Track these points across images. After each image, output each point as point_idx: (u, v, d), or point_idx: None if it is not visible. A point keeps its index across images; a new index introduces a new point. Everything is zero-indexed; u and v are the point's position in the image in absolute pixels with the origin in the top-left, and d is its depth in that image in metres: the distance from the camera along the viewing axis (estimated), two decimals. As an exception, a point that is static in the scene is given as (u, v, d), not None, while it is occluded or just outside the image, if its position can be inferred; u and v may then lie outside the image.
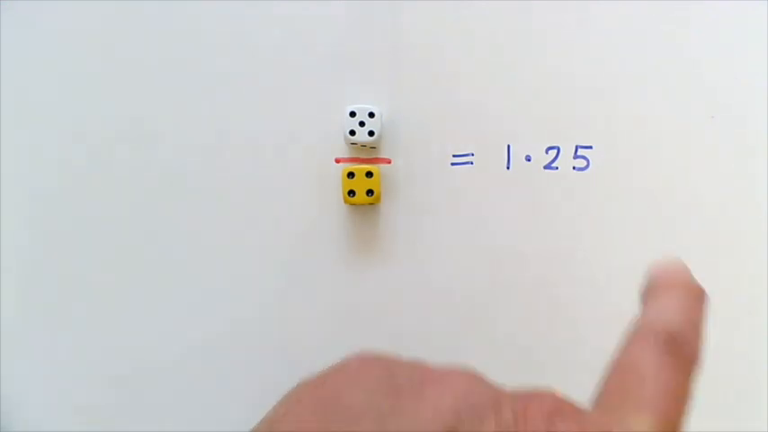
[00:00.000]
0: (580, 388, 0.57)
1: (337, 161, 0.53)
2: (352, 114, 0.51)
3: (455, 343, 0.55)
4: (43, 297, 0.55)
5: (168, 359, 0.55)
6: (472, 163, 0.53)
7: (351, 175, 0.51)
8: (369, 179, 0.51)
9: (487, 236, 0.53)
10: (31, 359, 0.56)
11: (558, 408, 0.22)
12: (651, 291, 0.28)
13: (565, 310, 0.54)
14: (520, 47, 0.51)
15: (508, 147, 0.52)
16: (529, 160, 0.52)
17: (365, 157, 0.53)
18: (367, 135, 0.51)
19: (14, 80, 0.52)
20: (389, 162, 0.53)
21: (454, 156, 0.53)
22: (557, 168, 0.52)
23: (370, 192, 0.51)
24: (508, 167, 0.53)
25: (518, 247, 0.53)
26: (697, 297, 0.27)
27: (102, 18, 0.51)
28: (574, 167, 0.53)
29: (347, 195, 0.51)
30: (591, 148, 0.52)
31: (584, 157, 0.52)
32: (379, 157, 0.53)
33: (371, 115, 0.51)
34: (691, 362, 0.24)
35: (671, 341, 0.24)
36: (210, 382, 0.56)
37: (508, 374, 0.56)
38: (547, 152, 0.52)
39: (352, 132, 0.51)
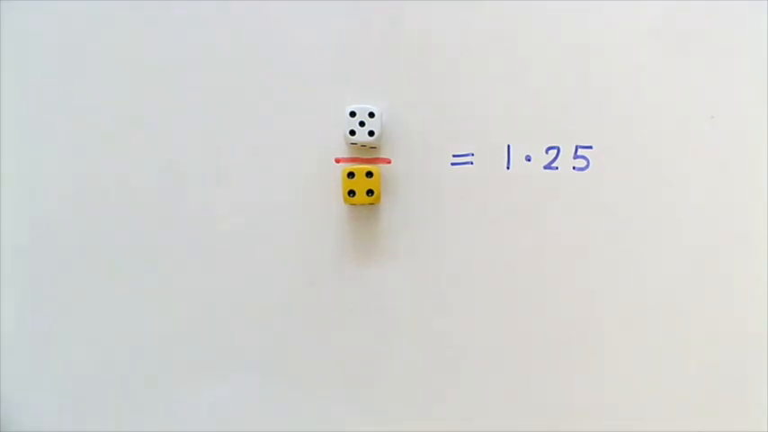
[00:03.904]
0: (579, 386, 0.58)
1: (337, 161, 0.53)
2: (353, 114, 0.51)
3: (455, 342, 0.55)
4: (43, 298, 0.55)
5: (168, 359, 0.55)
6: (472, 163, 0.53)
7: (351, 175, 0.51)
8: (369, 179, 0.51)
9: (487, 236, 0.53)
10: (31, 359, 0.56)
11: None
12: None
13: (564, 309, 0.54)
14: (520, 47, 0.51)
15: (508, 147, 0.52)
16: (529, 160, 0.52)
17: (365, 157, 0.53)
18: (367, 135, 0.51)
19: (14, 80, 0.52)
20: (389, 162, 0.53)
21: (454, 156, 0.53)
22: (557, 168, 0.52)
23: (370, 192, 0.51)
24: (508, 167, 0.53)
25: (518, 247, 0.53)
26: None
27: (102, 18, 0.52)
28: (574, 167, 0.52)
29: (347, 195, 0.51)
30: (591, 148, 0.52)
31: (584, 157, 0.52)
32: (379, 157, 0.53)
33: (371, 115, 0.51)
34: None
35: None
36: (210, 382, 0.56)
37: (508, 373, 0.56)
38: (547, 152, 0.52)
39: (353, 132, 0.51)
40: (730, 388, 0.54)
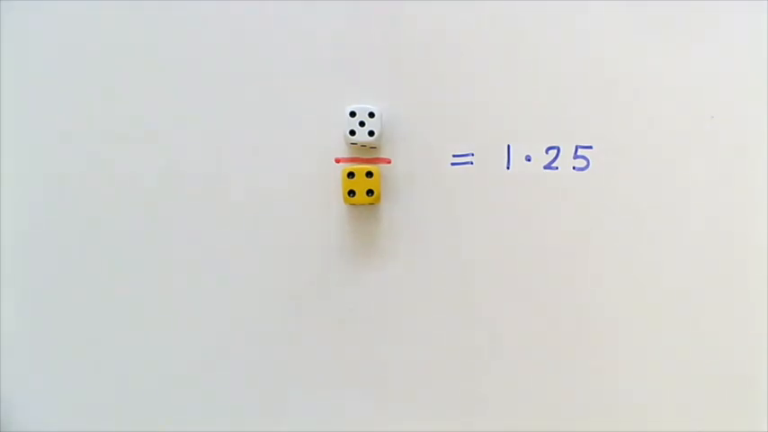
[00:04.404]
0: (579, 386, 0.58)
1: (337, 161, 0.53)
2: (353, 114, 0.51)
3: (455, 342, 0.55)
4: (43, 298, 0.55)
5: (168, 358, 0.55)
6: (472, 163, 0.53)
7: (351, 175, 0.51)
8: (369, 179, 0.51)
9: (487, 236, 0.53)
10: (31, 359, 0.56)
11: None
12: None
13: (564, 309, 0.54)
14: (520, 47, 0.51)
15: (508, 147, 0.52)
16: (529, 160, 0.52)
17: (365, 157, 0.53)
18: (367, 135, 0.51)
19: (14, 80, 0.52)
20: (389, 162, 0.53)
21: (454, 156, 0.53)
22: (557, 168, 0.52)
23: (370, 192, 0.51)
24: (508, 167, 0.53)
25: (518, 247, 0.53)
26: None
27: (102, 18, 0.52)
28: (574, 167, 0.52)
29: (347, 195, 0.51)
30: (591, 148, 0.52)
31: (584, 157, 0.52)
32: (379, 157, 0.53)
33: (371, 115, 0.51)
34: None
35: None
36: (210, 382, 0.56)
37: (508, 373, 0.56)
38: (547, 152, 0.52)
39: (353, 132, 0.51)
40: (730, 388, 0.54)
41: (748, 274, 0.53)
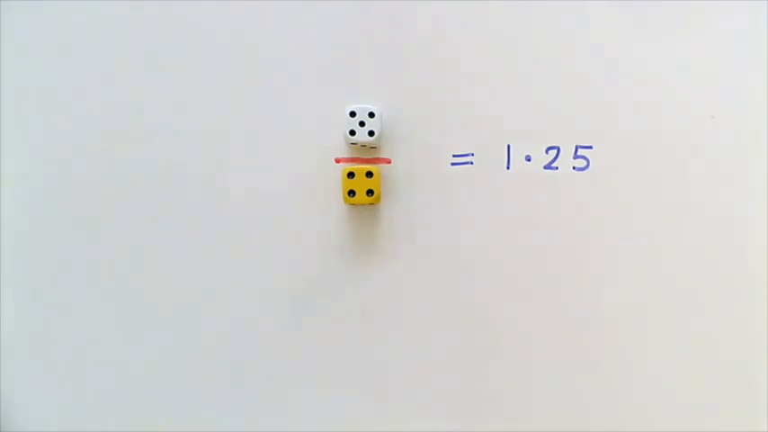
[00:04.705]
0: (580, 386, 0.58)
1: (337, 161, 0.53)
2: (353, 114, 0.51)
3: (455, 342, 0.55)
4: (43, 298, 0.55)
5: (168, 358, 0.55)
6: (472, 163, 0.53)
7: (351, 175, 0.51)
8: (369, 179, 0.51)
9: (487, 236, 0.53)
10: (31, 359, 0.56)
11: None
12: None
13: (564, 309, 0.54)
14: (520, 47, 0.51)
15: (508, 147, 0.52)
16: (529, 160, 0.52)
17: (365, 157, 0.53)
18: (367, 135, 0.51)
19: (14, 80, 0.52)
20: (389, 162, 0.53)
21: (454, 156, 0.53)
22: (557, 168, 0.52)
23: (370, 192, 0.51)
24: (508, 167, 0.53)
25: (518, 247, 0.53)
26: None
27: (102, 19, 0.51)
28: (574, 167, 0.52)
29: (347, 195, 0.51)
30: (591, 148, 0.52)
31: (584, 157, 0.52)
32: (379, 157, 0.53)
33: (371, 115, 0.51)
34: None
35: None
36: (210, 382, 0.56)
37: (508, 373, 0.56)
38: (547, 152, 0.52)
39: (353, 132, 0.51)
40: (730, 388, 0.54)
41: (748, 275, 0.53)
